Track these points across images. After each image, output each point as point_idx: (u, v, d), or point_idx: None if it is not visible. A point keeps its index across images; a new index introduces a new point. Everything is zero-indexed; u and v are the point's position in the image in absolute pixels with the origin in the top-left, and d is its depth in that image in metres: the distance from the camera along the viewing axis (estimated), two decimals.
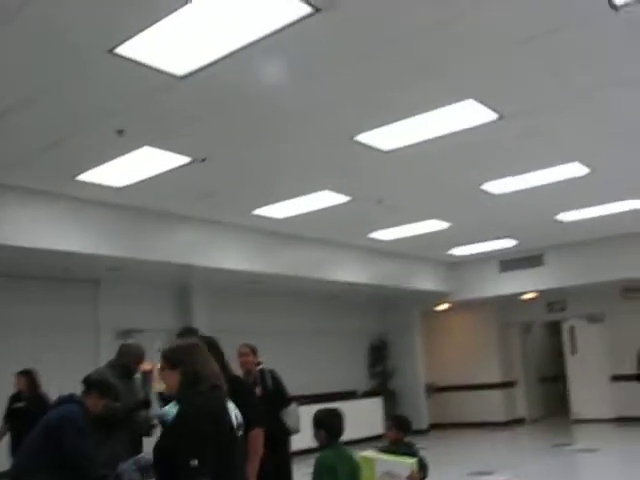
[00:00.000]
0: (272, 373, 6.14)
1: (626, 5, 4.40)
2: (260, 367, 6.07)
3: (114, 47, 4.44)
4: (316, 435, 4.09)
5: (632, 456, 10.33)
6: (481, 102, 5.84)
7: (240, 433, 2.97)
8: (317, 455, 3.99)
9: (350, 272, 11.95)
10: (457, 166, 7.74)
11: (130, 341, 5.93)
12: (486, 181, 8.42)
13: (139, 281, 10.34)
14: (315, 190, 8.35)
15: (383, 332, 15.18)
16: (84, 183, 7.39)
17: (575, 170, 8.12)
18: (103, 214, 8.35)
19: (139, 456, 4.83)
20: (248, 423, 3.14)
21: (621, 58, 5.27)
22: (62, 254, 8.06)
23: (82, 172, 7.08)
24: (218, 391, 2.96)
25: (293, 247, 10.87)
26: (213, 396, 2.93)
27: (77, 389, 4.41)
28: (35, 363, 7.58)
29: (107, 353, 9.85)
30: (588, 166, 8.02)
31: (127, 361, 5.52)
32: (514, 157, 7.56)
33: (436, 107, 5.92)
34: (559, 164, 7.87)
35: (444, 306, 15.42)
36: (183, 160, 6.78)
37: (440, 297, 14.70)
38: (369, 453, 4.32)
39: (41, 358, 8.46)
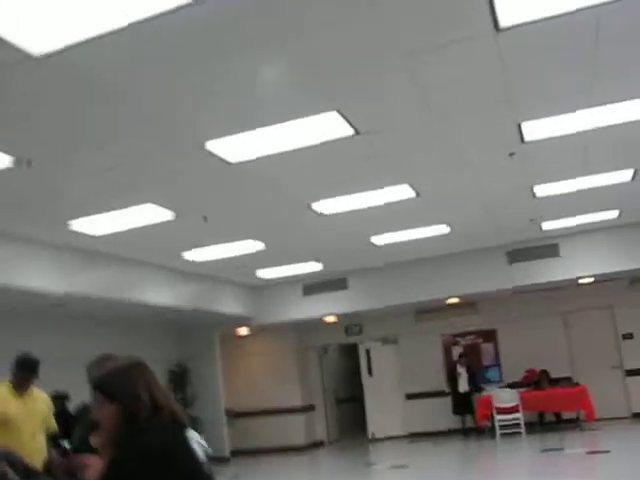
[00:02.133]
0: None
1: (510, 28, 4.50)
2: None
3: None
4: None
5: (439, 469, 10.73)
6: (343, 116, 5.70)
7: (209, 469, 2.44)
8: None
9: (156, 294, 11.21)
10: (294, 182, 7.54)
11: None
12: (317, 200, 8.30)
13: None
14: (138, 203, 7.64)
15: (183, 358, 14.51)
16: None
17: (404, 193, 8.28)
18: None
19: None
20: None
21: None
22: None
23: None
24: (178, 425, 2.41)
25: (101, 266, 9.97)
26: (172, 433, 2.38)
27: None
28: None
29: None
30: (416, 190, 8.23)
31: None
32: (353, 176, 7.47)
33: (297, 117, 5.68)
34: (391, 185, 7.97)
35: (244, 330, 15.14)
36: (4, 160, 5.87)
37: (242, 321, 14.38)
38: None
39: None
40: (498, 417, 13.20)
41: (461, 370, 14.34)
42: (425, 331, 15.07)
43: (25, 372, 5.39)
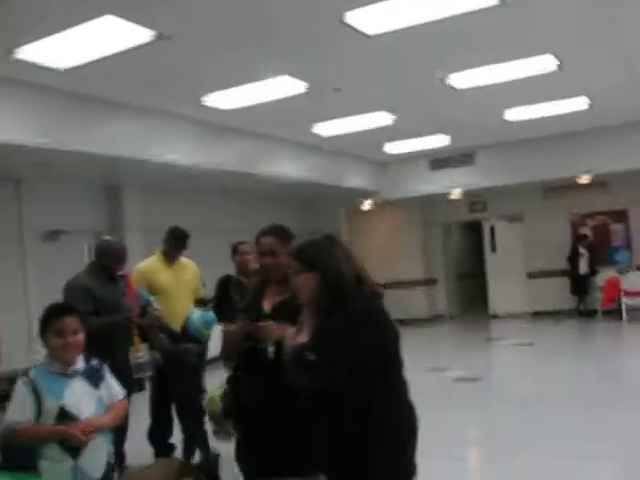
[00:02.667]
0: None
1: None
2: None
3: None
4: None
5: (565, 348, 10.73)
6: None
7: None
8: None
9: (284, 167, 11.40)
10: (431, 54, 7.26)
11: (108, 237, 5.23)
12: (452, 72, 8.01)
13: (66, 178, 9.42)
14: (274, 74, 7.62)
15: (308, 232, 14.80)
16: (19, 61, 6.37)
17: (545, 64, 7.84)
18: (32, 98, 7.32)
19: None
20: None
21: None
22: None
23: (20, 46, 6.06)
24: (376, 295, 2.59)
25: (232, 141, 10.19)
26: (377, 303, 2.56)
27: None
28: None
29: (33, 257, 9.14)
30: (559, 60, 7.77)
31: (107, 261, 4.85)
32: (493, 46, 7.15)
33: None
34: (533, 55, 7.56)
35: (370, 205, 15.21)
36: (146, 36, 5.96)
37: (368, 195, 14.47)
38: None
39: None
40: (625, 300, 12.90)
41: (583, 251, 14.07)
42: (552, 210, 14.63)
43: (175, 243, 5.67)
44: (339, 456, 2.50)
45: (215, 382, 4.21)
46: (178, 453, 5.54)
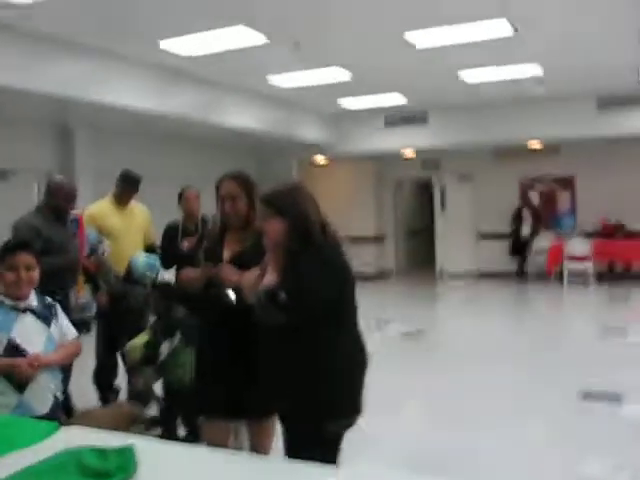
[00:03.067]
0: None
1: None
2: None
3: None
4: None
5: (507, 308, 11.08)
6: None
7: None
8: None
9: (238, 116, 11.35)
10: (391, 8, 7.29)
11: (58, 177, 5.15)
12: (411, 29, 8.03)
13: (17, 118, 9.28)
14: (231, 24, 7.54)
15: (260, 183, 14.79)
16: None
17: (500, 28, 7.94)
18: None
19: None
20: None
21: None
22: None
23: None
24: (339, 243, 2.74)
25: (187, 87, 10.08)
26: (339, 250, 2.71)
27: None
28: None
29: None
30: (513, 26, 7.87)
31: (56, 201, 4.83)
32: (450, 4, 7.20)
33: None
34: (488, 18, 7.63)
35: (323, 159, 15.25)
36: None
37: (321, 149, 14.50)
38: None
39: None
40: (568, 265, 13.27)
41: (526, 215, 14.43)
42: (502, 173, 14.87)
43: (127, 187, 5.66)
44: (292, 389, 2.65)
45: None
46: (122, 397, 5.60)
